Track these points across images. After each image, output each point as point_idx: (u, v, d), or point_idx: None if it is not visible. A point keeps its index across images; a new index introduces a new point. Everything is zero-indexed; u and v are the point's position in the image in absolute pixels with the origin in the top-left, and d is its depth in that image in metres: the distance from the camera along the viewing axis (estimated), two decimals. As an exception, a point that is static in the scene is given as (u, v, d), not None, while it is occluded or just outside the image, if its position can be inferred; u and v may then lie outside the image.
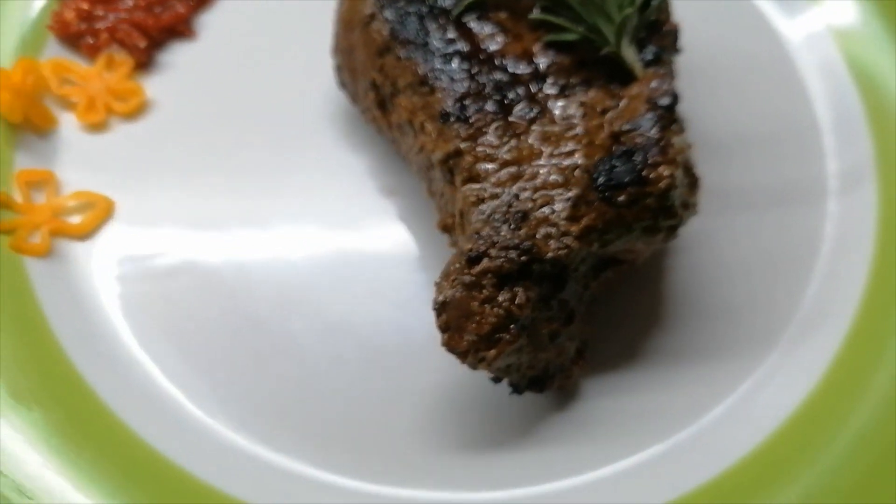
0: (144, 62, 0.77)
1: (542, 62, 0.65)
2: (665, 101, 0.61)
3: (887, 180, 0.73)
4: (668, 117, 0.61)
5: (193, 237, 0.71)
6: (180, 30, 0.79)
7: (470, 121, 0.63)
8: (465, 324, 0.58)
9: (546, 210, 0.60)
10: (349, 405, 0.65)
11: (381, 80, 0.68)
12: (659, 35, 0.66)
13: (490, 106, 0.63)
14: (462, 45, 0.65)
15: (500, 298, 0.58)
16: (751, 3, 0.84)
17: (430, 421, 0.64)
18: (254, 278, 0.69)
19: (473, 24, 0.66)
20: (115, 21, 0.77)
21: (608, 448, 0.64)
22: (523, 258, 0.58)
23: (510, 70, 0.65)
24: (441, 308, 0.59)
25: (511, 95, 0.64)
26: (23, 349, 0.64)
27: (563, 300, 0.62)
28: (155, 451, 0.62)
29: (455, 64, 0.65)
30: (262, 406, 0.65)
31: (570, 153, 0.62)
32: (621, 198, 0.59)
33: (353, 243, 0.71)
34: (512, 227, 0.59)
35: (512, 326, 0.58)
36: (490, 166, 0.62)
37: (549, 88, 0.64)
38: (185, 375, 0.66)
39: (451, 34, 0.66)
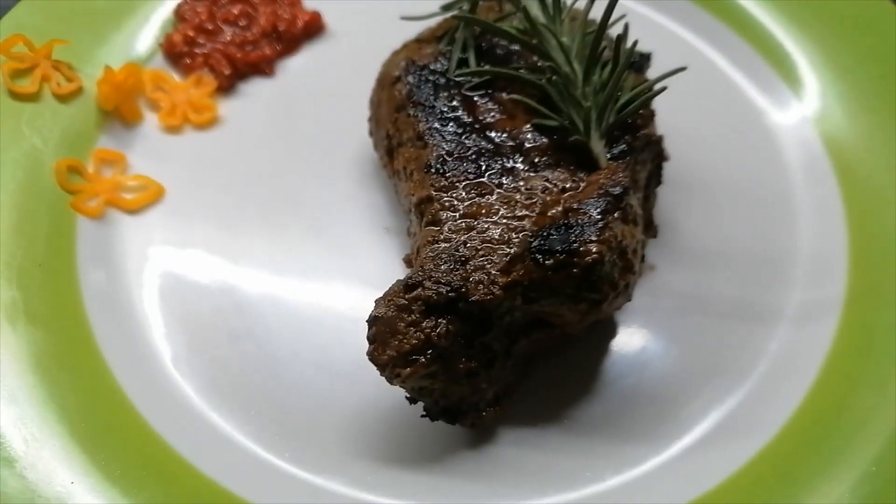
0: (225, 87, 0.92)
1: (525, 140, 0.74)
2: (616, 190, 0.68)
3: (848, 323, 0.76)
4: (615, 205, 0.68)
5: (219, 233, 0.83)
6: (262, 68, 0.94)
7: (446, 175, 0.72)
8: (389, 340, 0.66)
9: (484, 260, 0.67)
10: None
11: (393, 131, 0.79)
12: (633, 136, 0.73)
13: (468, 166, 0.73)
14: (462, 114, 0.75)
15: (424, 325, 0.66)
16: (763, 123, 0.89)
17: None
18: (254, 272, 0.81)
19: (478, 99, 0.76)
20: (211, 50, 0.93)
21: (502, 490, 0.69)
22: (451, 294, 0.66)
23: (495, 140, 0.74)
24: (373, 322, 0.67)
25: (488, 161, 0.73)
26: (50, 277, 0.77)
27: (487, 344, 0.68)
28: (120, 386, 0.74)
29: (450, 127, 0.75)
30: (230, 377, 0.75)
31: (522, 218, 0.69)
32: (549, 261, 0.66)
33: (347, 270, 0.81)
34: (451, 267, 0.67)
35: (429, 352, 0.66)
36: (451, 215, 0.71)
37: (523, 163, 0.73)
38: (175, 332, 0.77)
39: (455, 103, 0.76)
